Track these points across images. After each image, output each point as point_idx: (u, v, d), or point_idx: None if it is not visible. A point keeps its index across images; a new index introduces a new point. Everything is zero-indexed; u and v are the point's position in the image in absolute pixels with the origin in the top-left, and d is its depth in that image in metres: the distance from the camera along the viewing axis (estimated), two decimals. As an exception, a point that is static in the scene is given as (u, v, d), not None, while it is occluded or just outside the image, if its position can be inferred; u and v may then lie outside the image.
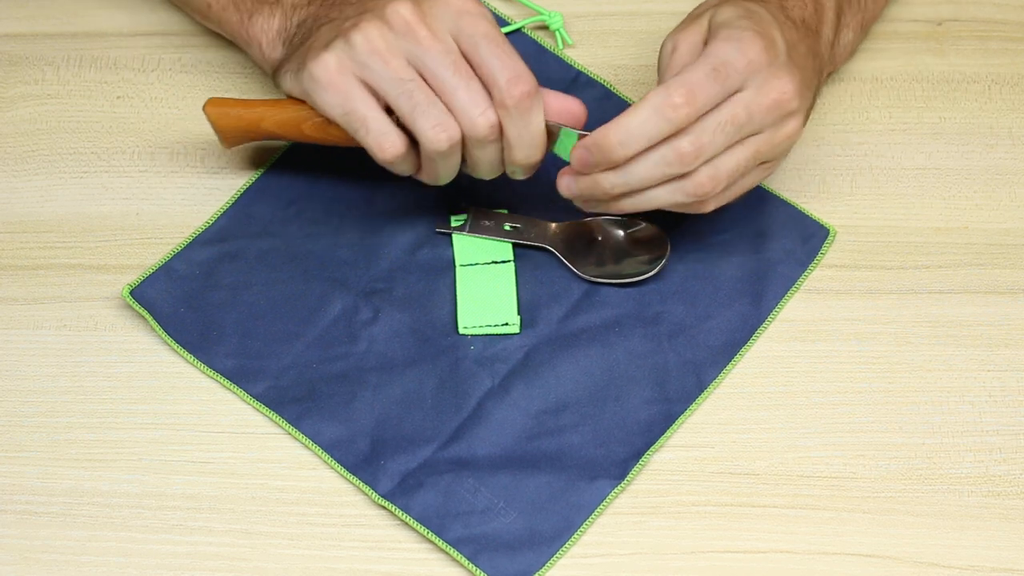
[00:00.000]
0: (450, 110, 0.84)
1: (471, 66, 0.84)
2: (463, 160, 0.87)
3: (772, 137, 0.85)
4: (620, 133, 0.83)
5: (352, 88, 0.84)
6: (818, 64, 0.89)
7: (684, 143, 0.83)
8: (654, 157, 0.84)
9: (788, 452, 0.87)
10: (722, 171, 0.84)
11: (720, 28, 0.84)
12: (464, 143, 0.85)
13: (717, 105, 0.83)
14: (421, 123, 0.84)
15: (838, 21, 0.93)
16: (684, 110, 0.82)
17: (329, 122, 0.88)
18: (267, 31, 0.92)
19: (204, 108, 0.91)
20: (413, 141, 0.86)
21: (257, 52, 0.93)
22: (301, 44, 0.88)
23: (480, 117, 0.83)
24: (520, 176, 0.88)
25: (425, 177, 0.88)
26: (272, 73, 0.91)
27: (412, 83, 0.83)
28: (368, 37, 0.83)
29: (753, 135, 0.84)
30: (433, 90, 0.84)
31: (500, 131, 0.85)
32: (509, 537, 0.84)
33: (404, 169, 0.87)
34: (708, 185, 0.84)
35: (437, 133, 0.84)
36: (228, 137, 0.92)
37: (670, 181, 0.85)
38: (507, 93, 0.83)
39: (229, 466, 0.87)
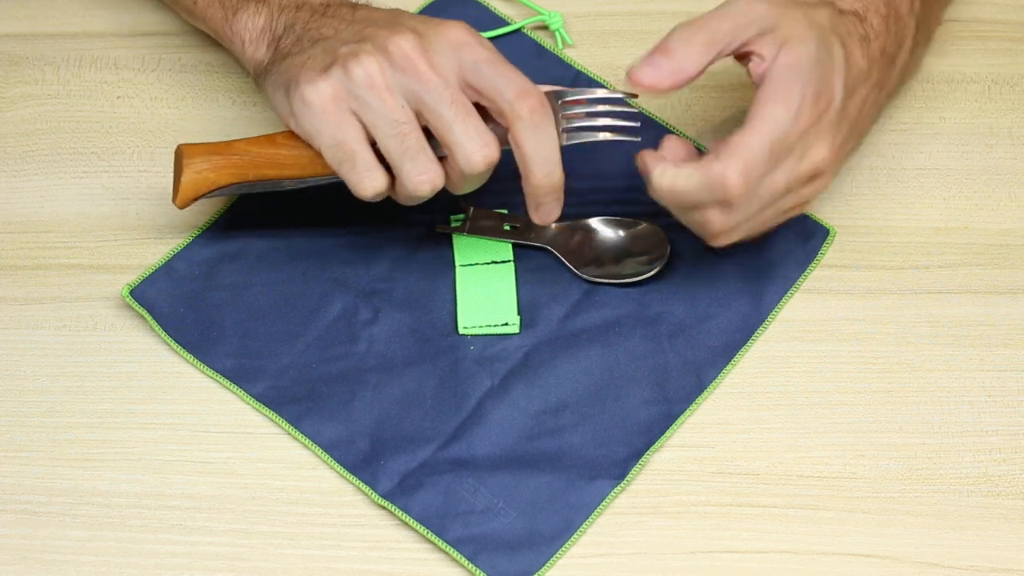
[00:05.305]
0: (447, 146, 0.83)
1: (476, 91, 0.83)
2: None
3: (799, 196, 0.86)
4: (665, 184, 0.84)
5: (344, 119, 0.83)
6: (880, 96, 0.90)
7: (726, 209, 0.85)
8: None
9: (788, 452, 0.87)
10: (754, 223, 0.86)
11: (782, 71, 0.84)
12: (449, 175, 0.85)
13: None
14: (407, 168, 0.84)
15: (914, 43, 0.92)
16: (737, 191, 0.83)
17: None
18: (251, 29, 0.91)
19: (178, 149, 0.88)
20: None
21: (239, 49, 0.91)
22: (290, 54, 0.87)
23: (477, 153, 0.83)
24: (541, 217, 0.87)
25: (397, 199, 0.88)
26: (254, 74, 0.90)
27: (405, 125, 0.83)
28: (367, 71, 0.82)
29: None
30: (430, 125, 0.83)
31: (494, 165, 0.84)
32: (509, 537, 0.84)
33: (376, 199, 0.86)
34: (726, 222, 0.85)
35: (421, 182, 0.84)
36: (188, 177, 0.87)
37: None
38: (520, 106, 0.82)
39: (229, 466, 0.87)
